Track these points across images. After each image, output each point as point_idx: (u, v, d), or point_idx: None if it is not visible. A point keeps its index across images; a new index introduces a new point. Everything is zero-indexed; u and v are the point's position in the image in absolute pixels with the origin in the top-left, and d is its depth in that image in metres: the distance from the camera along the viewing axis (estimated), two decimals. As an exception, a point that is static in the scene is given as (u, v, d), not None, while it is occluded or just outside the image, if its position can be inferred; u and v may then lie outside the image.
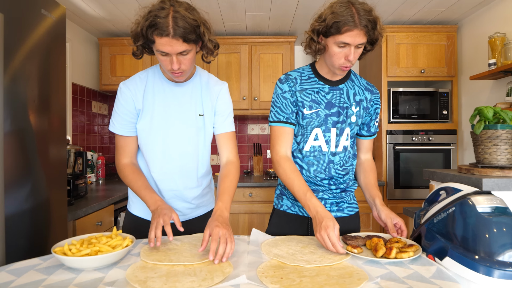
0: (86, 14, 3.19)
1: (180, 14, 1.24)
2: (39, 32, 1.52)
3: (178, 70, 1.34)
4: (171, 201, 1.55)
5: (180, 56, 1.31)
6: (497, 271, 0.99)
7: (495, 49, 2.74)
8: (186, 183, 1.53)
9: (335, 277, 1.00)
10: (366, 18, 1.30)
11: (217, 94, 1.54)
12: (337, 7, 1.33)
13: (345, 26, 1.30)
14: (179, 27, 1.23)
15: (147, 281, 0.97)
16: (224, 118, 1.55)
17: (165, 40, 1.25)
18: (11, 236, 1.34)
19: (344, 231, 1.54)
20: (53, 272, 1.05)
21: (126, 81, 1.47)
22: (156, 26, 1.24)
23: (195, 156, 1.52)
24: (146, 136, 1.47)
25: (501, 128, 1.55)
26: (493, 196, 1.15)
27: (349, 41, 1.33)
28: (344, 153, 1.53)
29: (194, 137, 1.50)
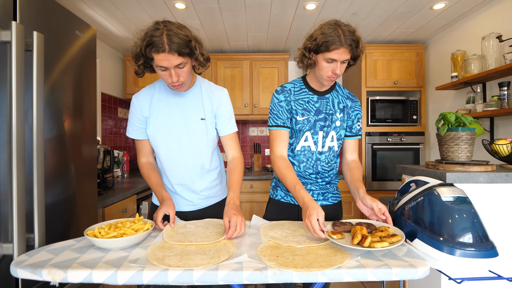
0: (113, 34, 3.19)
1: (173, 31, 1.23)
2: (74, 50, 1.52)
3: (177, 82, 1.32)
4: (182, 193, 1.55)
5: (177, 69, 1.29)
6: (458, 251, 0.99)
7: (456, 64, 2.74)
8: (192, 178, 1.52)
9: (322, 256, 1.01)
10: (350, 38, 1.31)
11: (218, 100, 1.50)
12: (326, 29, 1.34)
13: (333, 45, 1.31)
14: (173, 43, 1.22)
15: (164, 259, 0.97)
16: (226, 121, 1.52)
17: (162, 55, 1.23)
18: (50, 221, 1.34)
19: (330, 216, 1.56)
20: (85, 252, 1.05)
21: (137, 93, 1.49)
22: (153, 44, 1.22)
23: (198, 155, 1.50)
24: (154, 139, 1.48)
25: (461, 131, 1.55)
26: (455, 187, 1.15)
27: (336, 57, 1.33)
28: (329, 152, 1.53)
29: (197, 139, 1.48)
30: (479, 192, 1.43)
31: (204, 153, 1.51)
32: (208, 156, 1.53)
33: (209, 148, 1.52)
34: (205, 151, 1.51)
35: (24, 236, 1.12)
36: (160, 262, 0.94)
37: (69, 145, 1.49)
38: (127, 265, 0.93)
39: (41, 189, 1.18)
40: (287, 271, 0.90)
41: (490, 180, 1.40)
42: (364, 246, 1.02)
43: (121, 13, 2.70)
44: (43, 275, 0.90)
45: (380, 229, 1.13)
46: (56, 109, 1.40)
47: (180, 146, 1.47)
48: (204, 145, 1.50)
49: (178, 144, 1.47)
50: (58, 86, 1.41)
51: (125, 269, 0.91)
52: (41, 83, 1.19)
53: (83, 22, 1.60)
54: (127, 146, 4.02)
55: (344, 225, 1.22)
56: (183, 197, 1.56)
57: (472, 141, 1.56)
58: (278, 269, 0.91)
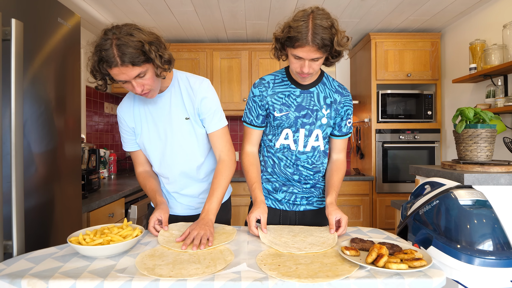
0: (99, 22, 3.18)
1: (122, 41, 1.16)
2: (56, 39, 1.52)
3: (143, 92, 1.28)
4: (180, 199, 1.57)
5: (138, 79, 1.24)
6: (477, 259, 0.99)
7: (475, 55, 2.74)
8: (186, 183, 1.54)
9: (328, 265, 1.00)
10: (320, 36, 1.22)
11: (197, 94, 1.44)
12: (296, 21, 1.26)
13: (297, 42, 1.25)
14: (124, 54, 1.16)
15: (155, 268, 0.97)
16: (211, 117, 1.45)
17: (116, 70, 1.18)
18: (30, 227, 1.34)
19: (313, 222, 1.56)
20: (68, 260, 1.05)
21: (119, 105, 1.51)
22: (104, 59, 1.17)
23: (191, 157, 1.49)
24: (143, 148, 1.51)
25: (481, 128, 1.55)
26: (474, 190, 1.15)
27: (302, 55, 1.28)
28: (313, 152, 1.51)
29: (185, 140, 1.46)
30: (500, 195, 1.42)
31: (197, 154, 1.50)
32: (202, 157, 1.51)
33: (201, 149, 1.50)
34: (198, 152, 1.50)
35: (2, 243, 1.12)
36: (150, 272, 0.94)
37: (51, 143, 1.48)
38: (114, 275, 0.93)
39: (20, 192, 1.18)
40: (289, 281, 0.90)
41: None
42: (378, 265, 0.97)
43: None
44: (22, 285, 0.90)
45: (405, 251, 1.05)
46: (37, 104, 1.39)
47: (171, 150, 1.47)
48: (195, 146, 1.49)
49: (168, 150, 1.47)
50: (39, 79, 1.41)
51: (112, 279, 0.91)
52: (20, 75, 1.19)
53: (66, 9, 1.59)
54: (114, 145, 4.02)
55: (364, 242, 1.14)
56: (181, 203, 1.58)
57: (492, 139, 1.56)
58: (280, 279, 0.91)
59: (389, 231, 1.40)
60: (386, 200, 3.38)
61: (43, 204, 1.43)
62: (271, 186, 1.57)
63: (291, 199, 1.55)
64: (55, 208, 1.52)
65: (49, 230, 1.47)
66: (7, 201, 1.20)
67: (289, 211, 1.56)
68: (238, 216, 3.41)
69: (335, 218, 1.32)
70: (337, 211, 1.33)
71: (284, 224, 1.56)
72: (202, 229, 1.22)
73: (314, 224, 1.56)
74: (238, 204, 3.40)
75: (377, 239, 1.20)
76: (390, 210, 3.38)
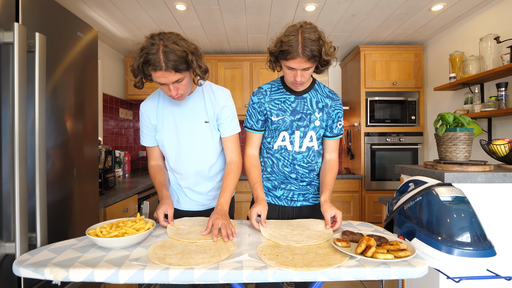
0: (114, 35, 3.19)
1: (169, 48, 1.19)
2: (75, 51, 1.52)
3: (176, 95, 1.31)
4: (190, 194, 1.58)
5: (175, 83, 1.27)
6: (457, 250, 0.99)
7: (455, 65, 2.75)
8: (198, 181, 1.54)
9: (322, 255, 1.01)
10: (309, 48, 1.25)
11: (219, 102, 1.48)
12: (287, 36, 1.29)
13: (289, 54, 1.28)
14: (169, 60, 1.19)
15: (165, 258, 0.97)
16: (228, 123, 1.51)
17: (159, 73, 1.21)
18: (52, 221, 1.34)
19: (309, 217, 1.57)
20: (87, 251, 1.05)
21: (143, 102, 1.51)
22: (149, 62, 1.20)
23: (206, 157, 1.51)
24: (162, 144, 1.51)
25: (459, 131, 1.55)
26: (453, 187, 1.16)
27: (294, 66, 1.31)
28: (307, 152, 1.52)
29: (202, 141, 1.49)
30: (477, 192, 1.43)
31: (211, 155, 1.52)
32: (214, 158, 1.54)
33: (215, 150, 1.53)
34: (212, 153, 1.52)
35: (27, 235, 1.12)
36: (161, 261, 0.95)
37: (71, 145, 1.49)
38: (128, 264, 0.94)
39: (43, 189, 1.18)
40: (287, 270, 0.90)
41: (488, 180, 1.40)
42: (367, 255, 0.97)
43: (122, 14, 2.70)
44: (45, 274, 0.90)
45: (391, 242, 1.06)
46: (58, 110, 1.40)
47: (187, 149, 1.49)
48: (210, 147, 1.51)
49: (185, 148, 1.48)
50: (60, 87, 1.41)
51: (126, 268, 0.91)
52: (43, 84, 1.19)
53: (85, 23, 1.60)
54: (128, 146, 4.02)
55: (354, 234, 1.16)
56: (191, 198, 1.58)
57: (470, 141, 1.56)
58: (278, 268, 0.91)
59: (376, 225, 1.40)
60: (374, 197, 3.38)
61: (64, 200, 1.43)
62: (271, 184, 1.57)
63: (289, 196, 1.55)
64: (75, 203, 1.52)
65: (69, 223, 1.47)
66: (32, 197, 1.20)
67: (287, 207, 1.57)
68: (240, 211, 3.41)
69: (330, 215, 1.32)
70: (332, 208, 1.34)
71: (282, 218, 1.57)
72: (224, 219, 1.25)
73: (311, 217, 1.57)
74: (240, 200, 3.40)
75: (366, 231, 1.20)
76: (378, 206, 3.38)
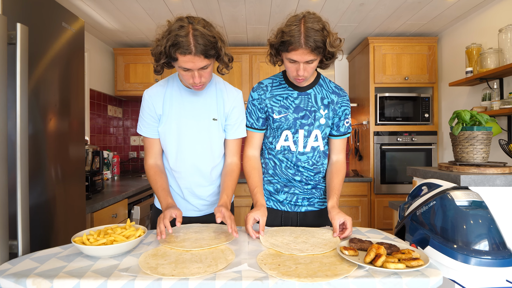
0: (103, 26, 3.19)
1: (199, 31, 1.21)
2: (60, 43, 1.52)
3: (199, 83, 1.33)
4: (189, 198, 1.56)
5: (201, 70, 1.29)
6: (474, 259, 0.99)
7: (471, 58, 2.75)
8: (198, 181, 1.52)
9: (327, 264, 1.01)
10: (312, 38, 1.24)
11: (232, 102, 1.50)
12: (288, 25, 1.29)
13: (291, 45, 1.27)
14: (199, 44, 1.21)
15: (158, 268, 0.97)
16: (237, 125, 1.51)
17: (188, 57, 1.23)
18: (35, 227, 1.34)
19: (315, 223, 1.56)
20: (73, 260, 1.05)
21: (148, 89, 1.48)
22: (179, 45, 1.21)
23: (209, 157, 1.50)
24: (164, 137, 1.48)
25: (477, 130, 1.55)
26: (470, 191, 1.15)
27: (297, 58, 1.30)
28: (313, 153, 1.51)
29: (207, 140, 1.48)
30: (496, 196, 1.43)
31: (216, 156, 1.52)
32: (218, 158, 1.53)
33: (219, 150, 1.52)
34: (216, 153, 1.52)
35: (7, 243, 1.12)
36: (153, 271, 0.94)
37: (55, 145, 1.49)
38: (117, 274, 0.93)
39: (25, 193, 1.18)
40: (289, 280, 0.90)
41: (507, 183, 1.40)
42: (376, 265, 0.97)
43: (110, 3, 2.71)
44: (27, 285, 0.90)
45: (403, 251, 1.04)
46: (41, 107, 1.40)
47: (191, 147, 1.48)
48: (215, 147, 1.50)
49: (188, 145, 1.47)
50: (44, 82, 1.41)
51: (115, 278, 0.91)
52: (25, 78, 1.19)
53: (70, 13, 1.60)
54: (117, 147, 4.02)
55: (362, 242, 1.14)
56: (188, 202, 1.56)
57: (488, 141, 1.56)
58: (280, 278, 0.91)
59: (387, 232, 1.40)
60: (384, 201, 3.38)
61: (47, 205, 1.43)
62: (273, 187, 1.57)
63: (292, 200, 1.55)
64: (59, 208, 1.52)
65: (53, 230, 1.47)
66: (12, 201, 1.20)
67: (290, 212, 1.56)
68: (239, 217, 3.41)
69: (339, 222, 1.29)
70: (340, 214, 1.31)
71: (285, 225, 1.56)
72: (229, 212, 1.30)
73: (315, 225, 1.55)
74: (239, 205, 3.40)
75: (375, 239, 1.20)
76: (388, 211, 3.38)
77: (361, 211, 3.42)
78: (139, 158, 4.17)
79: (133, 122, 4.19)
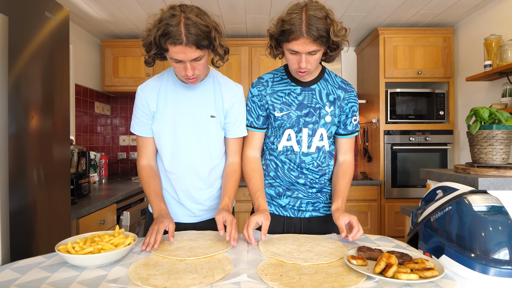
0: (89, 16, 3.19)
1: (191, 20, 1.22)
2: (43, 34, 1.52)
3: (192, 76, 1.33)
4: (184, 201, 1.54)
5: (193, 62, 1.30)
6: (493, 269, 0.99)
7: (490, 51, 2.75)
8: (195, 184, 1.52)
9: (333, 275, 1.00)
10: (315, 27, 1.24)
11: (232, 97, 1.50)
12: (289, 14, 1.29)
13: (291, 35, 1.27)
14: (191, 34, 1.22)
15: (149, 278, 0.97)
16: (238, 123, 1.52)
17: (179, 48, 1.24)
18: (15, 235, 1.34)
19: (320, 231, 1.55)
20: (56, 270, 1.05)
21: (142, 85, 1.50)
22: (169, 35, 1.22)
23: (206, 157, 1.50)
24: (159, 136, 1.48)
25: (496, 129, 1.55)
26: (489, 195, 1.15)
27: (298, 49, 1.30)
28: (317, 153, 1.51)
29: (204, 138, 1.48)
30: (517, 201, 1.43)
31: (214, 156, 1.52)
32: (217, 159, 1.53)
33: (218, 150, 1.52)
34: (215, 153, 1.52)
35: (-15, 251, 1.12)
36: (144, 282, 0.94)
37: (38, 145, 1.49)
38: (105, 286, 0.93)
39: (5, 197, 1.18)
40: (292, 292, 0.90)
41: (529, 187, 1.40)
42: (387, 276, 0.96)
43: (98, -9, 2.71)
44: (7, 297, 0.90)
45: (415, 260, 1.04)
46: (22, 104, 1.40)
47: (188, 146, 1.47)
48: (214, 146, 1.50)
49: (184, 144, 1.47)
50: (25, 77, 1.41)
51: (103, 290, 0.91)
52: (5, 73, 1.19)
53: (54, 2, 1.60)
54: (105, 147, 4.02)
55: (372, 251, 1.13)
56: (184, 206, 1.55)
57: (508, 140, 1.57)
58: (282, 290, 0.91)
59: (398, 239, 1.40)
60: (395, 206, 3.38)
61: (29, 210, 1.43)
62: (274, 191, 1.57)
63: (295, 205, 1.55)
64: (42, 214, 1.52)
65: (35, 238, 1.47)
66: (-9, 207, 1.20)
67: (293, 218, 1.56)
68: (238, 223, 3.39)
69: (343, 222, 1.32)
70: (344, 215, 1.34)
71: (288, 232, 1.56)
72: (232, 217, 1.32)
73: (320, 232, 1.55)
74: (238, 210, 3.40)
75: (385, 247, 1.20)
76: (400, 217, 3.38)
77: (370, 217, 3.43)
78: (129, 160, 4.17)
79: (122, 120, 4.19)
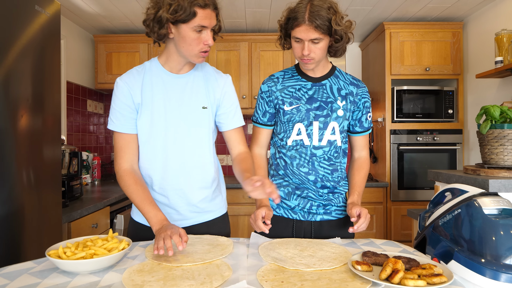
0: (81, 10, 3.19)
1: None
2: (33, 29, 1.52)
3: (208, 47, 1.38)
4: (174, 203, 1.48)
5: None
6: (504, 275, 0.99)
7: (502, 46, 2.74)
8: (190, 183, 1.47)
9: (337, 281, 1.00)
10: (317, 14, 1.36)
11: (222, 87, 1.50)
12: (297, 4, 1.42)
13: (295, 21, 1.39)
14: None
15: (144, 285, 0.97)
16: (233, 112, 1.52)
17: (208, 12, 1.32)
18: (3, 239, 1.34)
19: (332, 236, 1.55)
20: (47, 276, 1.05)
21: (122, 75, 1.44)
22: None
23: (199, 152, 1.47)
24: (146, 132, 1.42)
25: (508, 128, 1.55)
26: (500, 197, 1.15)
27: (301, 36, 1.40)
28: (329, 147, 1.54)
29: (197, 131, 1.46)
30: (530, 203, 1.43)
31: (206, 150, 1.49)
32: (210, 154, 1.50)
33: (210, 144, 1.51)
34: (207, 147, 1.49)
35: (-28, 257, 1.12)
36: (138, 289, 0.94)
37: (27, 145, 1.49)
38: (98, 293, 0.93)
39: (-7, 200, 1.18)
40: (294, 300, 0.90)
41: (542, 189, 1.40)
42: (393, 282, 0.96)
43: (91, -16, 2.71)
44: (-5, 304, 0.90)
45: (423, 266, 1.04)
46: (11, 101, 1.40)
47: (178, 140, 1.43)
48: (206, 140, 1.48)
49: (174, 138, 1.43)
50: (14, 74, 1.41)
51: (95, 297, 0.91)
52: (-7, 69, 1.19)
53: (45, -5, 1.60)
54: (98, 147, 4.02)
55: (377, 256, 1.13)
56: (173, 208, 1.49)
57: (520, 140, 1.56)
58: (283, 297, 0.91)
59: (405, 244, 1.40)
60: (402, 209, 3.38)
61: (18, 214, 1.43)
62: (283, 191, 1.57)
63: (306, 207, 1.55)
64: (32, 218, 1.52)
65: (25, 242, 1.47)
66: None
67: (303, 221, 1.56)
68: (237, 227, 3.41)
69: (355, 212, 1.40)
70: (356, 206, 1.42)
71: (298, 237, 1.56)
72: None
73: (332, 237, 1.53)
74: (237, 214, 3.40)
75: (392, 252, 1.20)
76: (407, 220, 3.38)
77: (375, 221, 3.43)
78: (123, 160, 4.17)
79: (116, 119, 4.19)
